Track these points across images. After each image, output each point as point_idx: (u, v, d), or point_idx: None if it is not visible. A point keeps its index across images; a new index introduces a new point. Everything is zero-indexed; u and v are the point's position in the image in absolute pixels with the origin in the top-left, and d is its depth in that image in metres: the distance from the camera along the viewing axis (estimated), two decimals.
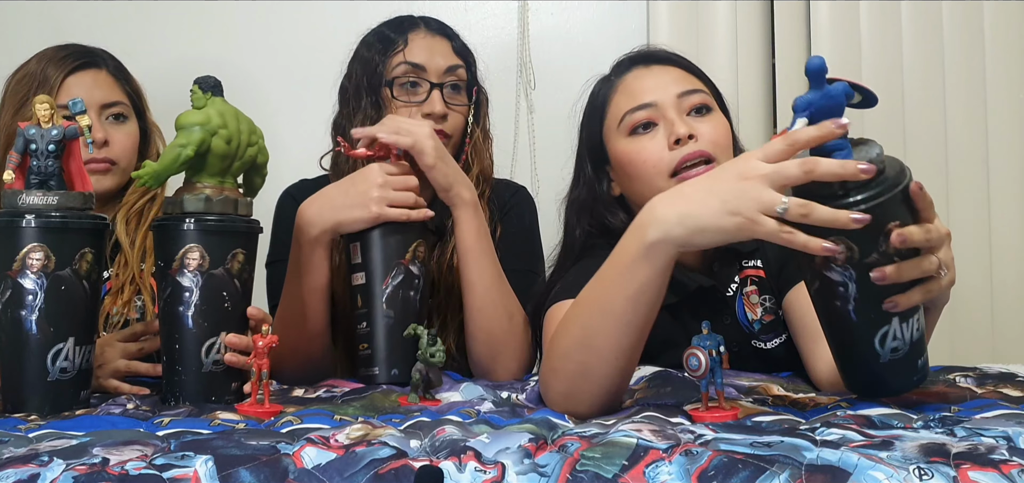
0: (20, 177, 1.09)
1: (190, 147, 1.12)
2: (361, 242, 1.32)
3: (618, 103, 1.33)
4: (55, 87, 1.47)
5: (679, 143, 1.26)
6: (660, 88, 1.30)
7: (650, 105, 1.29)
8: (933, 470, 0.69)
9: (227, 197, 1.15)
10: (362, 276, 1.32)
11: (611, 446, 0.77)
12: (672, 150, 1.26)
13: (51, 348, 1.08)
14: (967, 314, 1.90)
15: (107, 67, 1.55)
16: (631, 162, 1.30)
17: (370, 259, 1.31)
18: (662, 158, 1.27)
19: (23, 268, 1.07)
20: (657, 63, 1.34)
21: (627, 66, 1.36)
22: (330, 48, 1.58)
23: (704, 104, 1.31)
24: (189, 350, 1.12)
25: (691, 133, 1.25)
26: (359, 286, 1.32)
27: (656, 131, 1.29)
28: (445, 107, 1.47)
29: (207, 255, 1.12)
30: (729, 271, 1.34)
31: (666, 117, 1.28)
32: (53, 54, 1.52)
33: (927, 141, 1.90)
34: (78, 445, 0.82)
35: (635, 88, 1.32)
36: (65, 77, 1.49)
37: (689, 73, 1.34)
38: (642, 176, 1.29)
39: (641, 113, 1.29)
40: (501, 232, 1.51)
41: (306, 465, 0.75)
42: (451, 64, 1.50)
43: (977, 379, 1.19)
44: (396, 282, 1.31)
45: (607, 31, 1.99)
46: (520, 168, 1.98)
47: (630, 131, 1.30)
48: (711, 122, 1.29)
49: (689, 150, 1.25)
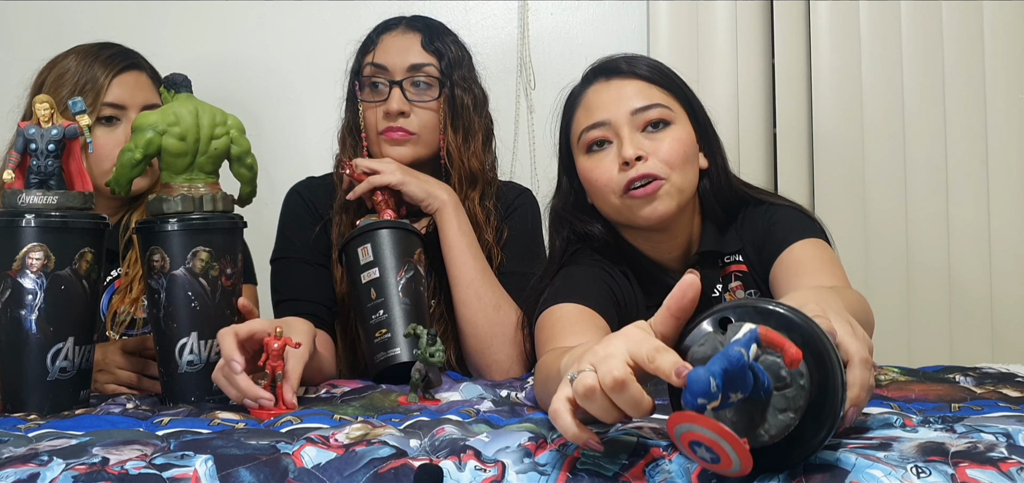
0: (20, 177, 1.09)
1: (138, 150, 1.13)
2: (371, 243, 1.37)
3: (578, 119, 1.34)
4: (104, 87, 1.47)
5: (628, 164, 1.26)
6: (615, 104, 1.30)
7: (604, 123, 1.30)
8: (931, 469, 0.69)
9: (187, 195, 1.14)
10: (375, 272, 1.36)
11: (611, 444, 0.77)
12: (621, 171, 1.27)
13: (51, 348, 1.08)
14: (967, 314, 1.90)
15: (146, 69, 1.55)
16: (587, 179, 1.33)
17: (382, 255, 1.37)
18: (612, 178, 1.28)
19: (23, 268, 1.07)
20: (619, 76, 1.33)
21: (591, 78, 1.36)
22: (348, 45, 1.59)
23: (661, 119, 1.29)
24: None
25: (639, 154, 1.26)
26: (372, 281, 1.36)
27: (610, 149, 1.30)
28: (402, 104, 1.47)
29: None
30: (712, 272, 1.35)
31: (619, 136, 1.28)
32: (96, 52, 1.51)
33: (927, 141, 1.90)
34: (78, 445, 0.82)
35: (593, 104, 1.32)
36: (113, 77, 1.49)
37: (652, 84, 1.32)
38: (597, 193, 1.32)
39: (595, 132, 1.30)
40: (505, 234, 1.52)
41: (306, 464, 0.75)
42: (416, 61, 1.49)
43: (977, 379, 1.19)
44: (408, 276, 1.36)
45: (607, 31, 1.99)
46: (520, 168, 1.98)
47: (586, 148, 1.32)
48: (667, 138, 1.28)
49: (636, 173, 1.26)
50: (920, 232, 1.91)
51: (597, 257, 1.34)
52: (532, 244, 1.55)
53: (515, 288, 1.41)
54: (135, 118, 1.17)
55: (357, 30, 1.59)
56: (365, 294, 1.36)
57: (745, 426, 0.68)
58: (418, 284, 1.37)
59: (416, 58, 1.49)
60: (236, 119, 1.19)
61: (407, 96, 1.47)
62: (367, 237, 1.38)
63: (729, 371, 0.64)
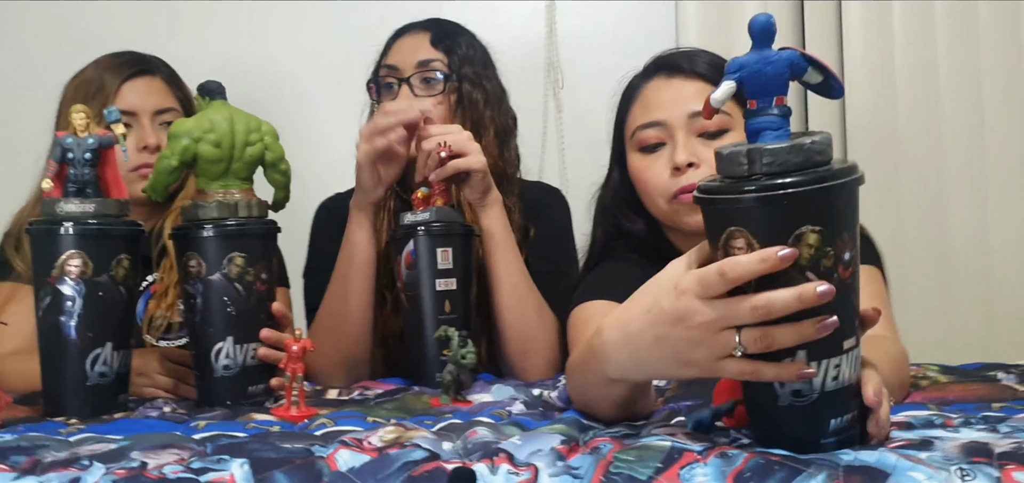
0: (58, 186, 1.11)
1: (174, 157, 1.14)
2: (453, 248, 1.29)
3: (634, 114, 1.32)
4: (112, 94, 1.49)
5: (679, 170, 1.24)
6: (673, 105, 1.26)
7: (659, 124, 1.27)
8: (975, 471, 0.67)
9: (222, 201, 1.15)
10: (452, 282, 1.29)
11: (645, 449, 0.77)
12: (672, 176, 1.25)
13: (90, 353, 1.09)
14: (1006, 310, 1.86)
15: (161, 74, 1.57)
16: (637, 178, 1.31)
17: (460, 264, 1.29)
18: (662, 182, 1.26)
19: (62, 274, 1.09)
20: (680, 74, 1.29)
21: (652, 72, 1.33)
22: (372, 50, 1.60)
23: (720, 128, 1.25)
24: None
25: (691, 161, 1.23)
26: (448, 292, 1.29)
27: (663, 151, 1.27)
28: (411, 100, 1.46)
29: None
30: None
31: (673, 139, 1.26)
32: (109, 61, 1.54)
33: (962, 138, 1.87)
34: (117, 449, 0.83)
35: (651, 101, 1.29)
36: (121, 83, 1.51)
37: (714, 86, 1.29)
38: (645, 193, 1.30)
39: (650, 131, 1.28)
40: (533, 234, 1.51)
41: (340, 468, 0.75)
42: (424, 57, 1.49)
43: (1019, 376, 1.17)
44: (473, 289, 1.34)
45: (635, 30, 1.98)
46: (549, 168, 1.97)
47: (640, 147, 1.29)
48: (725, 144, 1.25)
49: (687, 181, 1.23)
50: (956, 228, 1.87)
51: (633, 255, 1.33)
52: (562, 243, 1.53)
53: (544, 288, 1.41)
54: (171, 126, 1.18)
55: (380, 34, 1.59)
56: (438, 303, 1.28)
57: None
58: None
59: (424, 55, 1.49)
60: (270, 125, 1.20)
61: (415, 92, 1.48)
62: (450, 240, 1.29)
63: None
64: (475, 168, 1.30)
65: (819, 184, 0.73)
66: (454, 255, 1.29)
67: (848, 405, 0.77)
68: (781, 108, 0.75)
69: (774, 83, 0.74)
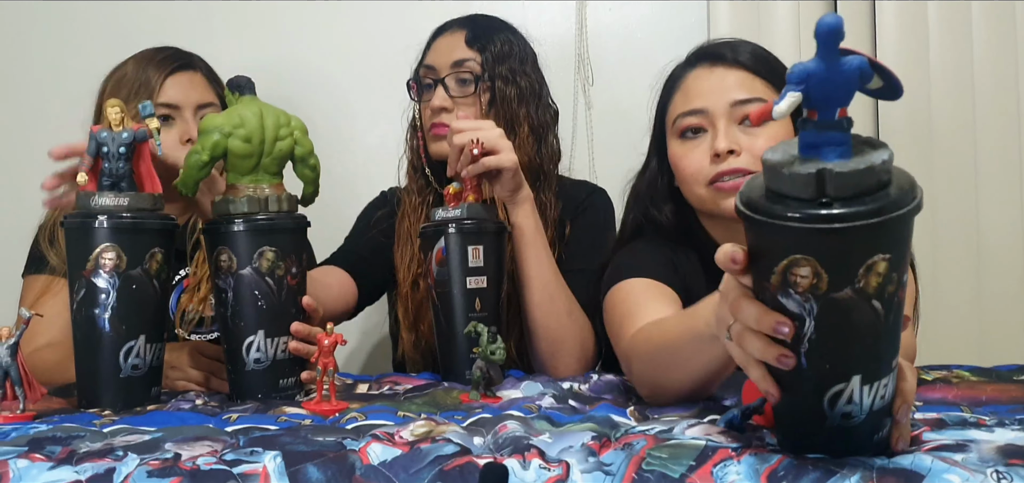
0: (93, 179, 1.13)
1: (205, 152, 1.15)
2: (484, 246, 1.29)
3: (676, 102, 1.32)
4: (156, 89, 1.51)
5: (719, 157, 1.24)
6: (715, 93, 1.27)
7: (701, 111, 1.27)
8: (1012, 474, 0.66)
9: (252, 195, 1.16)
10: (482, 280, 1.29)
11: (679, 447, 0.76)
12: (712, 162, 1.25)
13: (123, 345, 1.11)
14: None
15: (201, 69, 1.59)
16: (677, 166, 1.31)
17: (491, 262, 1.29)
18: (702, 168, 1.26)
19: (96, 268, 1.10)
20: (722, 63, 1.29)
21: (693, 62, 1.33)
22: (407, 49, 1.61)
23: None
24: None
25: (731, 148, 1.23)
26: (479, 290, 1.28)
27: (704, 138, 1.27)
28: (444, 101, 1.49)
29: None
30: None
31: (714, 126, 1.26)
32: (151, 56, 1.56)
33: (998, 138, 1.84)
34: (151, 440, 0.84)
35: (692, 90, 1.30)
36: (165, 78, 1.53)
37: (755, 76, 1.28)
38: (684, 180, 1.30)
39: (692, 119, 1.28)
40: (571, 231, 1.51)
41: (372, 461, 0.75)
42: (459, 57, 1.51)
43: None
44: (504, 287, 1.34)
45: (665, 27, 1.97)
46: (578, 164, 1.97)
47: (681, 134, 1.30)
48: (763, 134, 1.23)
49: (726, 167, 1.23)
50: (991, 228, 1.85)
51: (659, 241, 1.33)
52: (601, 242, 1.51)
53: (581, 285, 1.40)
54: (201, 121, 1.19)
55: (414, 33, 1.60)
56: (468, 301, 1.28)
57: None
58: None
59: (459, 55, 1.51)
60: (299, 120, 1.21)
61: (450, 92, 1.49)
62: (481, 238, 1.28)
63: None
64: (505, 166, 1.30)
65: (897, 211, 0.66)
66: (485, 253, 1.29)
67: (887, 420, 0.75)
68: (845, 121, 0.68)
69: (841, 94, 0.67)
